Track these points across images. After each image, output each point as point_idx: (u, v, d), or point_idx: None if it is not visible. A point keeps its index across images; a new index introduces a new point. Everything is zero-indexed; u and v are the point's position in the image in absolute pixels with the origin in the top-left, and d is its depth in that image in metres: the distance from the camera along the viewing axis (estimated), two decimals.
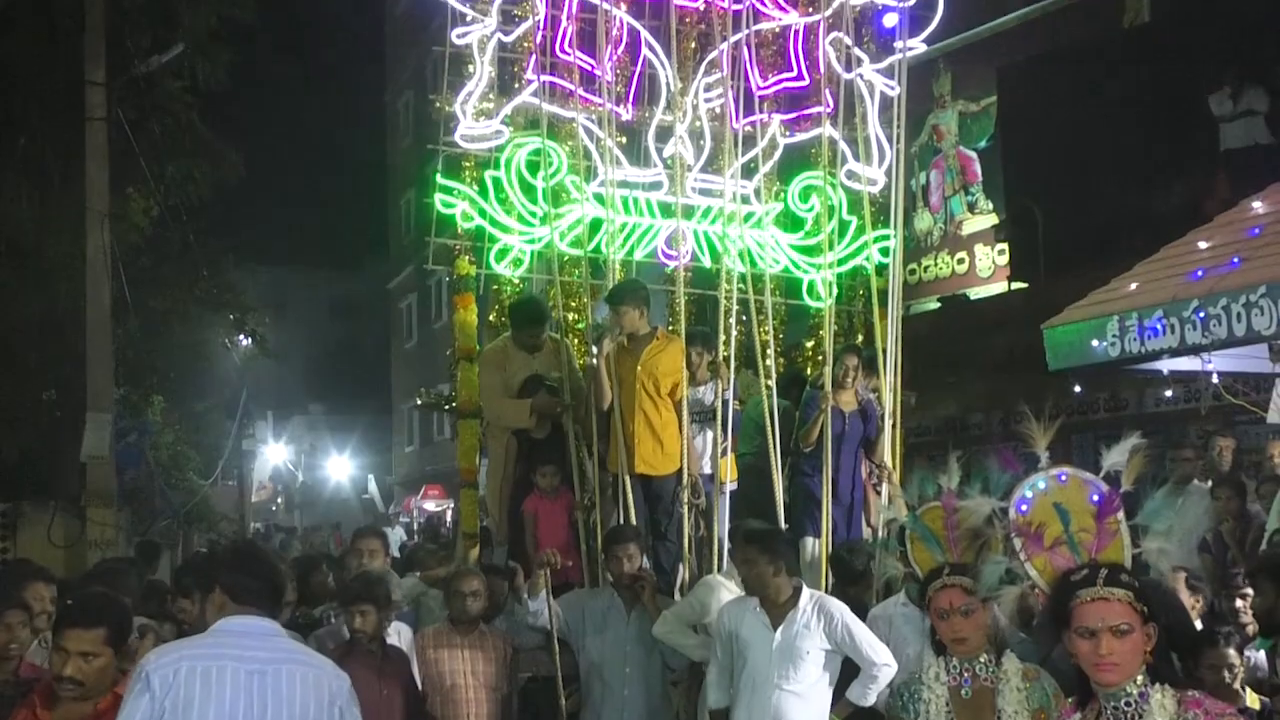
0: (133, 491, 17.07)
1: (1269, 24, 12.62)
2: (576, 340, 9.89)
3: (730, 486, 8.52)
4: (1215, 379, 10.27)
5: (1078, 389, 12.94)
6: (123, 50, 14.29)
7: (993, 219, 16.49)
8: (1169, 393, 12.32)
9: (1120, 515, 4.00)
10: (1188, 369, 10.28)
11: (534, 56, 9.41)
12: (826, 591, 7.46)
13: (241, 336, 20.87)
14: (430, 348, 35.69)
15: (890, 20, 9.93)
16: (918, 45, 10.09)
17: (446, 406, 17.66)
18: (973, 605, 4.48)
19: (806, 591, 6.63)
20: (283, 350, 29.23)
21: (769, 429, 8.31)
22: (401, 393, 40.51)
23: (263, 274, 30.48)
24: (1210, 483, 9.11)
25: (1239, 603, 7.03)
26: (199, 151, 16.67)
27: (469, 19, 9.39)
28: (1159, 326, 9.23)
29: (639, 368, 8.12)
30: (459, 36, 9.34)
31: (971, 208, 16.92)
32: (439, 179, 9.44)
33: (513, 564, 7.84)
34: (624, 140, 9.97)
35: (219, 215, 19.71)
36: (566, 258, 9.37)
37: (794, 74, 10.19)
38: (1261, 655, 6.37)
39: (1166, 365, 10.12)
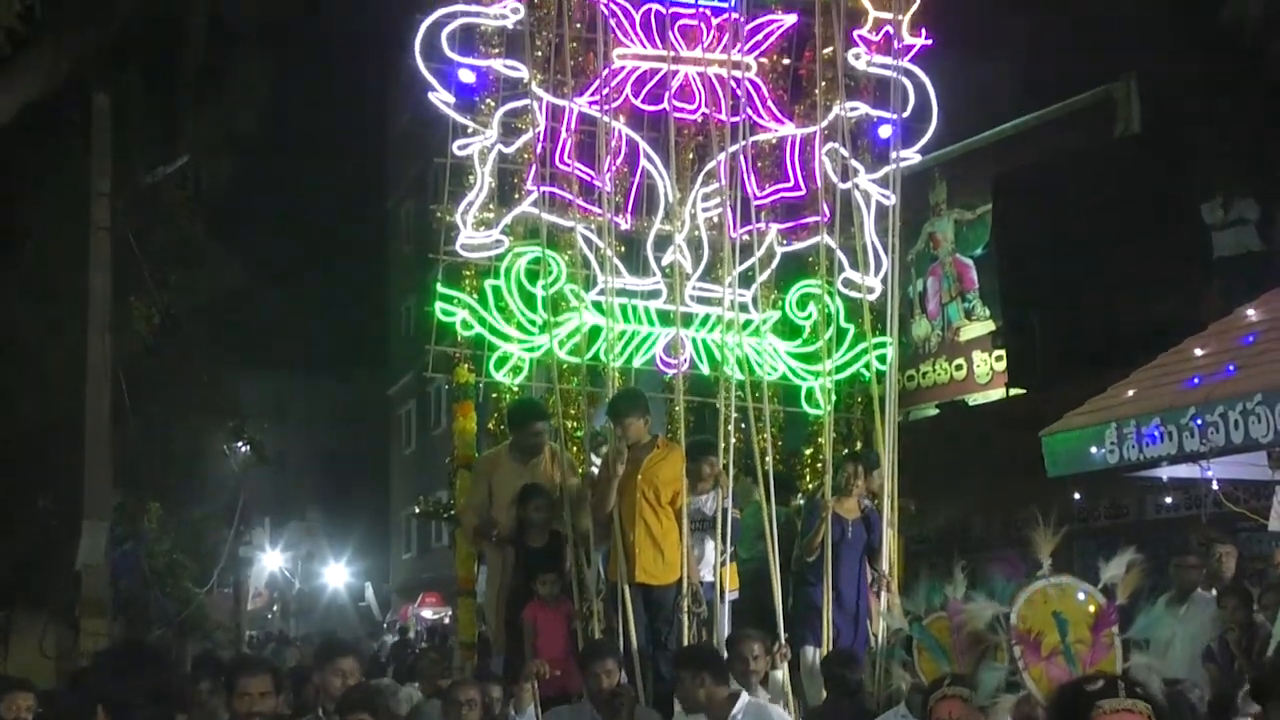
0: (127, 601, 16.90)
1: (1258, 134, 12.82)
2: (575, 448, 9.89)
3: (731, 595, 8.47)
4: (1215, 486, 10.24)
5: (1077, 496, 12.90)
6: (128, 161, 14.47)
7: (990, 325, 16.58)
8: (1169, 500, 12.29)
9: (1115, 629, 3.99)
10: (1187, 476, 10.26)
11: (534, 167, 9.56)
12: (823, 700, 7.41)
13: (240, 444, 20.83)
14: (429, 455, 35.62)
15: (885, 132, 10.10)
16: (912, 156, 10.24)
17: (445, 515, 17.59)
18: (971, 715, 4.43)
19: (744, 698, 6.63)
20: (281, 456, 29.15)
21: (768, 536, 8.29)
22: (400, 499, 40.34)
23: (263, 379, 30.55)
24: (1214, 591, 9.04)
25: None
26: (201, 260, 16.80)
27: (470, 131, 9.56)
28: (1157, 433, 9.23)
29: (640, 476, 8.11)
30: (460, 148, 9.50)
31: (969, 314, 17.02)
32: (439, 287, 9.53)
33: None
34: (623, 249, 10.07)
35: (220, 321, 19.80)
36: (565, 365, 9.41)
37: (791, 184, 10.33)
38: None
39: (1166, 472, 10.10)
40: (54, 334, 14.61)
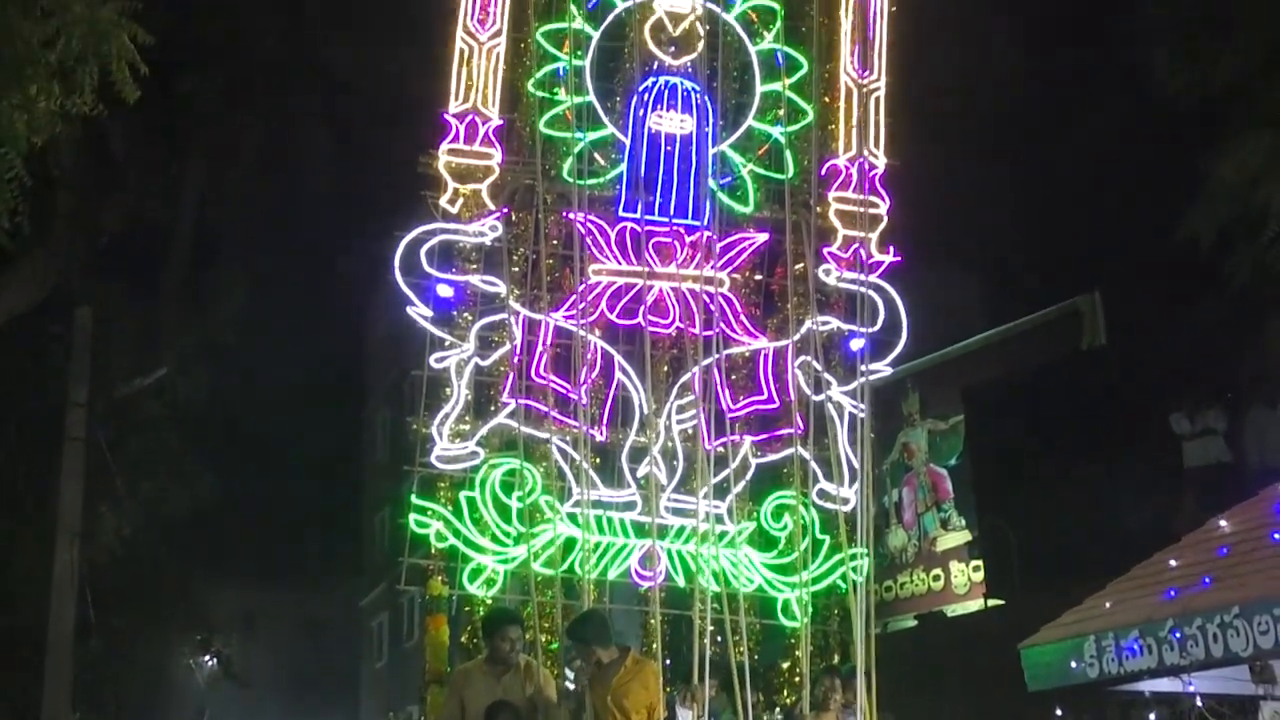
0: None
1: (1222, 345, 13.08)
2: (550, 662, 9.71)
3: None
4: (1199, 702, 10.09)
5: (1059, 711, 12.67)
6: (106, 372, 14.55)
7: (966, 536, 16.52)
8: (1153, 716, 12.07)
9: None
10: (1170, 690, 10.12)
11: (510, 379, 9.66)
12: None
13: (207, 657, 20.38)
14: (401, 668, 34.82)
15: (856, 345, 10.28)
16: (883, 369, 10.40)
17: None
18: None
19: None
20: (249, 668, 28.44)
21: None
22: (370, 713, 39.24)
23: (231, 589, 30.03)
24: None
25: None
26: (174, 471, 16.72)
27: (447, 344, 9.69)
28: (1136, 647, 9.14)
29: (608, 697, 7.93)
30: (437, 361, 9.61)
31: (945, 524, 16.97)
32: (414, 499, 9.50)
33: None
34: (598, 461, 10.11)
35: (190, 531, 19.60)
36: (540, 578, 9.32)
37: (764, 396, 10.45)
38: None
39: (1148, 686, 9.96)
40: (20, 544, 14.42)
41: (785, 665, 12.20)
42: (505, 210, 10.32)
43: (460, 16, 10.57)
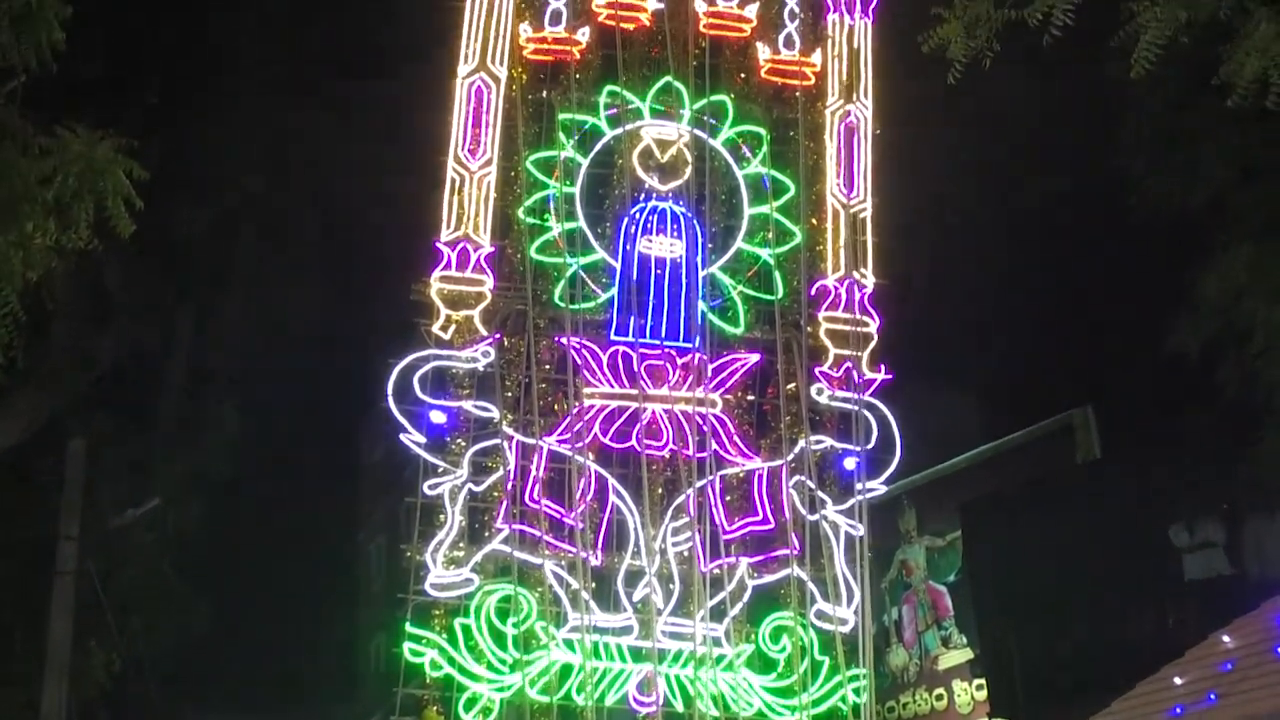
0: None
1: (1217, 457, 13.05)
2: None
3: None
4: None
5: None
6: (98, 504, 14.46)
7: (968, 653, 16.32)
8: None
9: None
10: None
11: (504, 505, 9.62)
12: None
13: None
14: None
15: (850, 464, 10.27)
16: (878, 487, 10.37)
17: None
18: None
19: None
20: None
21: None
22: None
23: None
24: None
25: None
26: (166, 601, 16.54)
27: (440, 470, 9.67)
28: None
29: None
30: (431, 488, 9.58)
31: (946, 642, 16.78)
32: (408, 628, 9.40)
33: None
34: (594, 585, 10.02)
35: (182, 661, 19.31)
36: (537, 705, 9.20)
37: (759, 517, 10.41)
38: None
39: None
40: (7, 681, 14.19)
41: None
42: (497, 336, 10.39)
43: (451, 147, 10.75)
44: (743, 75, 11.71)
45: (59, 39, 7.49)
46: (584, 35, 11.37)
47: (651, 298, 10.58)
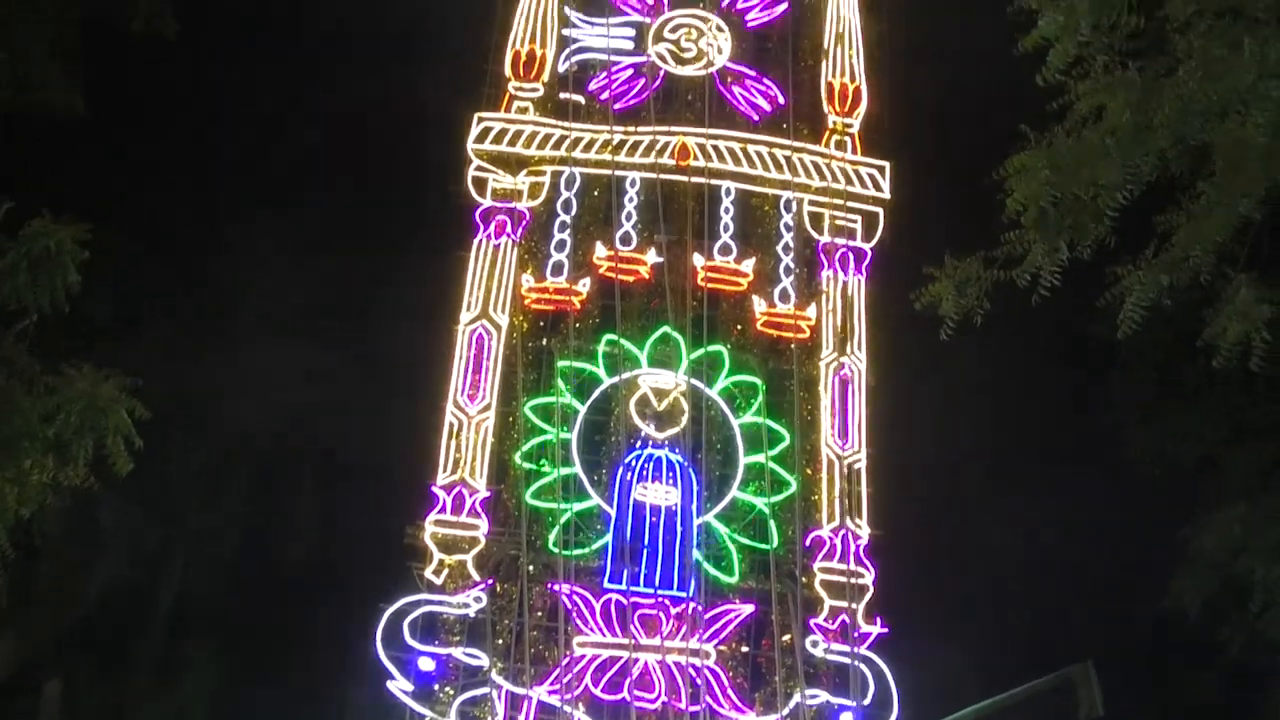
0: None
1: (1221, 716, 12.77)
2: None
3: None
4: None
5: None
6: None
7: None
8: None
9: None
10: None
11: None
12: None
13: None
14: None
15: None
16: None
17: None
18: None
19: None
20: None
21: None
22: None
23: None
24: None
25: None
26: None
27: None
28: None
29: None
30: None
31: None
32: None
33: None
34: None
35: None
36: None
37: None
38: None
39: None
40: None
41: None
42: (490, 582, 10.30)
43: (450, 392, 10.88)
44: (739, 327, 11.96)
45: (75, 281, 7.65)
46: (584, 286, 11.66)
47: (646, 545, 10.53)
